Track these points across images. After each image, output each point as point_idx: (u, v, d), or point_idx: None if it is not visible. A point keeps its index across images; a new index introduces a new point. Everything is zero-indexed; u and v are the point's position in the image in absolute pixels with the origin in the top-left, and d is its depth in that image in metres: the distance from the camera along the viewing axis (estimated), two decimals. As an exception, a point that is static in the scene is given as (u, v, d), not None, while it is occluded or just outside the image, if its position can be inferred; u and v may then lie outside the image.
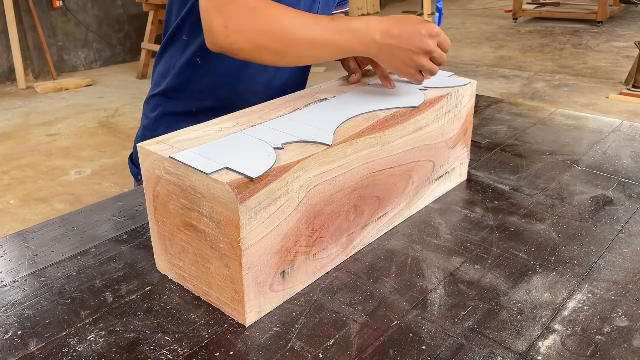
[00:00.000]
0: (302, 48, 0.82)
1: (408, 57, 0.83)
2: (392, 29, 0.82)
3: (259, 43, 0.81)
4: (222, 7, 0.81)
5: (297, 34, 0.81)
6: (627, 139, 1.21)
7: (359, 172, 0.77)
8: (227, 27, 0.81)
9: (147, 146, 0.70)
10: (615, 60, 4.94)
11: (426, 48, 0.82)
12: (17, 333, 0.66)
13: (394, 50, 0.82)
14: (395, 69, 0.85)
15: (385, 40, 0.82)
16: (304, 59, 0.86)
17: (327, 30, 0.82)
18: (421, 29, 0.82)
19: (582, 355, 0.62)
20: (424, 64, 0.84)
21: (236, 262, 0.64)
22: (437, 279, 0.75)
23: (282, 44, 0.82)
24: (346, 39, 0.82)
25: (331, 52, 0.84)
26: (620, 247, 0.82)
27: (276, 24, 0.81)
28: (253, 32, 0.81)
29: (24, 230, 0.88)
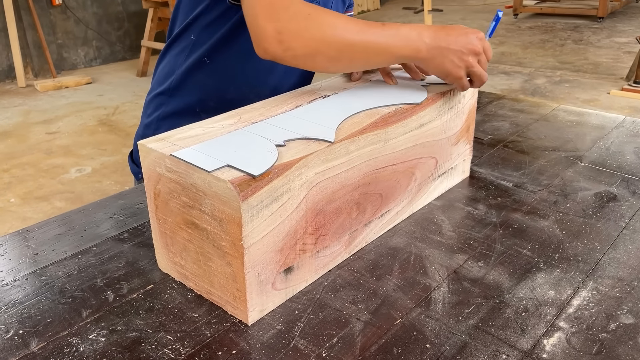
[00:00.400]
0: (356, 53, 0.83)
1: (458, 57, 0.83)
2: (440, 33, 0.84)
3: (314, 49, 0.81)
4: (275, 13, 0.80)
5: (351, 39, 0.81)
6: (631, 134, 1.21)
7: (362, 170, 0.76)
8: (280, 34, 0.80)
9: (148, 144, 0.70)
10: (617, 56, 4.92)
11: (475, 49, 0.84)
12: (18, 332, 0.66)
13: (444, 52, 0.83)
14: (445, 72, 0.85)
15: (435, 43, 0.83)
16: (356, 64, 0.87)
17: (380, 35, 0.82)
18: (468, 32, 0.85)
19: (588, 353, 0.62)
20: (473, 65, 0.84)
21: (238, 260, 0.64)
22: (440, 276, 0.75)
23: (337, 50, 0.82)
24: (398, 43, 0.83)
25: (383, 57, 0.85)
26: (625, 244, 0.82)
27: (331, 30, 0.81)
28: (308, 38, 0.80)
29: (24, 229, 0.87)
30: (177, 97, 1.11)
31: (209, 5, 1.01)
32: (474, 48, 0.84)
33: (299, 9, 0.81)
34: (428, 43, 0.83)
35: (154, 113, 1.14)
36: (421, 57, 0.84)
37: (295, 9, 0.80)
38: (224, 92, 1.06)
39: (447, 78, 0.86)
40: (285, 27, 0.80)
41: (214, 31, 1.03)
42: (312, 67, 0.85)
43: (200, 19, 1.04)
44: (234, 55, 1.04)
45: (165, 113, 1.12)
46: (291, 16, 0.80)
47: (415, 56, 0.84)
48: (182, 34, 1.08)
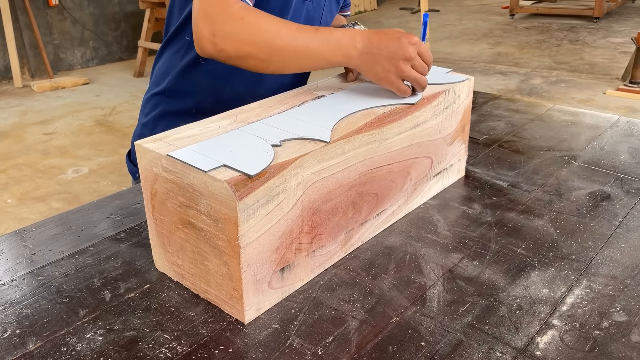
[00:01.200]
0: (286, 57, 0.85)
1: (389, 63, 0.83)
2: (373, 38, 0.84)
3: (245, 52, 0.84)
4: (211, 16, 0.84)
5: (281, 44, 0.83)
6: (625, 134, 1.21)
7: (357, 169, 0.77)
8: (214, 36, 0.83)
9: (144, 144, 0.70)
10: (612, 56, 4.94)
11: (406, 54, 0.83)
12: (16, 332, 0.66)
13: (375, 57, 0.84)
14: (377, 77, 0.85)
15: (366, 49, 0.84)
16: (288, 67, 0.87)
17: (310, 40, 0.84)
18: (401, 37, 0.84)
19: (581, 350, 0.62)
20: (404, 70, 0.84)
21: (235, 259, 0.64)
22: (435, 275, 0.76)
23: (267, 54, 0.84)
24: (328, 49, 0.84)
25: (314, 61, 0.86)
26: (618, 243, 0.82)
27: (262, 34, 0.83)
28: (239, 41, 0.83)
29: (21, 229, 0.88)
30: (173, 97, 1.11)
31: None
32: (404, 53, 0.83)
33: (234, 13, 0.83)
34: (359, 49, 0.84)
35: (151, 113, 1.14)
36: (353, 63, 0.85)
37: (231, 12, 0.83)
38: (220, 92, 1.06)
39: (381, 83, 0.86)
40: (218, 29, 0.83)
41: None
42: (246, 67, 0.88)
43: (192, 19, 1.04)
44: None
45: (162, 113, 1.13)
46: (225, 19, 0.83)
47: (347, 62, 0.85)
48: (177, 34, 1.08)
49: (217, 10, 0.84)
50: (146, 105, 1.16)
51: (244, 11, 0.84)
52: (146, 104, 1.17)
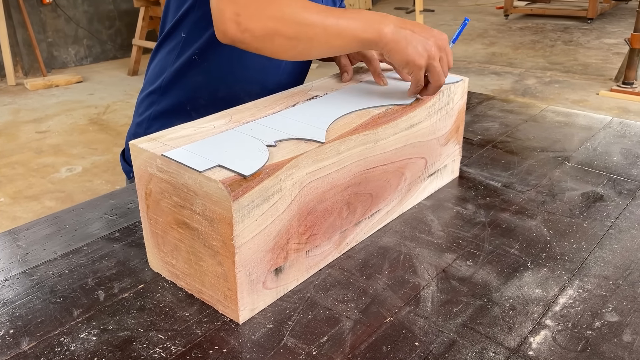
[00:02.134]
0: (315, 34, 0.80)
1: (422, 45, 0.81)
2: (407, 23, 0.83)
3: (272, 29, 0.79)
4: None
5: (310, 19, 0.79)
6: (617, 135, 1.22)
7: (352, 170, 0.77)
8: (239, 15, 0.79)
9: (139, 144, 0.70)
10: (606, 57, 4.97)
11: (439, 42, 0.82)
12: (9, 332, 0.66)
13: (409, 38, 0.81)
14: (407, 58, 0.81)
15: (400, 27, 0.81)
16: (316, 46, 0.82)
17: (341, 17, 0.80)
18: (434, 30, 0.84)
19: (573, 350, 0.63)
20: (435, 57, 0.82)
21: (229, 259, 0.64)
22: (429, 275, 0.76)
23: (294, 30, 0.79)
24: (361, 26, 0.80)
25: (345, 41, 0.81)
26: (611, 243, 0.83)
27: (289, 9, 0.79)
28: (266, 17, 0.79)
29: (14, 228, 0.87)
30: (168, 95, 1.11)
31: (196, 2, 1.01)
32: (439, 42, 0.82)
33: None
34: (392, 27, 0.81)
35: (146, 112, 1.14)
36: (385, 39, 0.81)
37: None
38: (215, 91, 1.05)
39: (407, 66, 0.82)
40: (243, 8, 0.79)
41: (204, 28, 1.03)
42: (270, 49, 0.82)
43: (189, 15, 1.04)
44: (223, 53, 1.04)
45: (156, 112, 1.12)
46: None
47: (379, 39, 0.81)
48: (172, 31, 1.08)
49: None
50: (141, 104, 1.16)
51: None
52: (141, 103, 1.16)
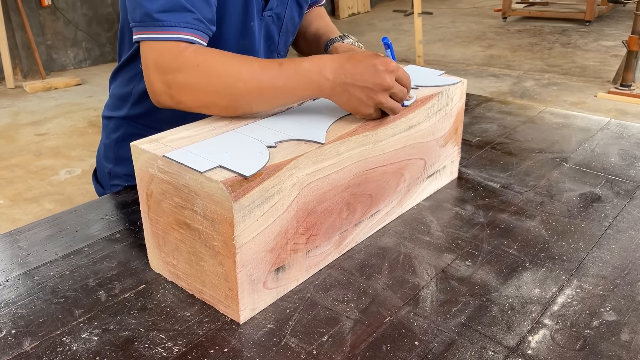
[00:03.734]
0: (252, 100, 0.77)
1: (365, 95, 0.75)
2: (345, 67, 0.76)
3: (206, 102, 0.77)
4: (162, 66, 0.77)
5: (244, 87, 0.76)
6: (615, 137, 1.23)
7: (352, 171, 0.77)
8: (170, 88, 0.77)
9: (140, 145, 0.70)
10: (604, 59, 4.98)
11: (384, 84, 0.75)
12: (11, 332, 0.66)
13: (350, 88, 0.75)
14: (353, 109, 0.78)
15: (339, 79, 0.75)
16: (257, 108, 0.79)
17: (276, 78, 0.76)
18: (377, 65, 0.75)
19: (572, 349, 0.63)
20: (383, 102, 0.76)
21: (230, 259, 0.64)
22: (429, 275, 0.76)
23: (230, 100, 0.77)
24: (298, 83, 0.76)
25: (284, 99, 0.79)
26: (609, 243, 0.84)
27: (221, 81, 0.76)
28: (198, 91, 0.77)
29: (16, 229, 0.88)
30: (134, 122, 1.06)
31: None
32: (382, 84, 0.75)
33: (187, 60, 0.76)
34: (331, 80, 0.76)
35: (113, 135, 1.09)
36: (326, 94, 0.77)
37: (183, 60, 0.76)
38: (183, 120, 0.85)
39: (356, 115, 0.79)
40: (173, 80, 0.77)
41: None
42: (211, 114, 0.80)
43: None
44: None
45: (124, 136, 1.07)
46: (178, 68, 0.77)
47: (320, 94, 0.78)
48: (130, 62, 1.02)
49: (168, 60, 0.77)
50: (107, 125, 1.10)
51: (197, 57, 0.77)
52: (107, 124, 1.10)
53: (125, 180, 1.08)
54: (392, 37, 6.03)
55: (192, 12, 0.79)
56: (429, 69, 1.02)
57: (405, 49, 5.51)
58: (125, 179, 1.08)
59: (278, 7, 1.00)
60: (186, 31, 0.78)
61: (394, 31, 6.34)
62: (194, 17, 0.79)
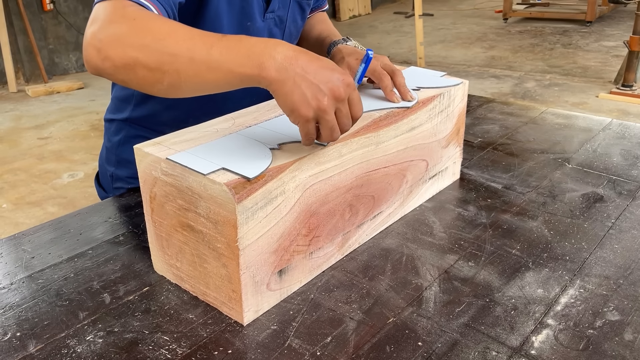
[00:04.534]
0: (181, 66, 0.67)
1: (312, 93, 0.64)
2: (300, 57, 0.65)
3: (132, 58, 0.68)
4: (100, 17, 0.71)
5: (175, 46, 0.67)
6: (617, 137, 1.23)
7: (354, 172, 0.78)
8: (100, 41, 0.70)
9: (144, 148, 0.71)
10: (605, 59, 4.98)
11: (336, 91, 0.65)
12: (16, 335, 0.66)
13: (297, 79, 0.64)
14: (291, 106, 0.64)
15: (288, 64, 0.64)
16: (186, 81, 0.68)
17: (213, 46, 0.66)
18: (336, 71, 0.66)
19: (575, 349, 0.63)
20: (326, 110, 0.64)
21: (234, 261, 0.65)
22: (431, 276, 0.76)
23: (156, 59, 0.67)
24: (237, 58, 0.65)
25: (216, 74, 0.66)
26: (611, 243, 0.84)
27: (152, 35, 0.68)
28: (126, 45, 0.69)
29: (20, 233, 0.88)
30: (135, 125, 1.07)
31: None
32: (334, 89, 0.64)
33: (126, 13, 0.71)
34: (278, 61, 0.64)
35: (115, 137, 1.09)
36: (266, 77, 0.64)
37: (122, 13, 0.71)
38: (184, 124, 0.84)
39: (291, 115, 0.66)
40: (104, 32, 0.70)
41: None
42: (135, 82, 0.71)
43: None
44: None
45: (126, 138, 1.08)
46: (114, 20, 0.70)
47: (259, 76, 0.64)
48: None
49: (107, 13, 0.71)
50: (109, 128, 1.10)
51: (138, 13, 0.71)
52: (109, 127, 1.10)
53: (127, 183, 1.09)
54: (393, 39, 6.04)
55: None
56: (430, 71, 1.02)
57: (406, 51, 5.52)
58: (128, 181, 1.09)
59: (280, 9, 1.00)
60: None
61: (395, 33, 6.34)
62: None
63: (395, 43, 5.88)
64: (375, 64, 0.89)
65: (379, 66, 0.89)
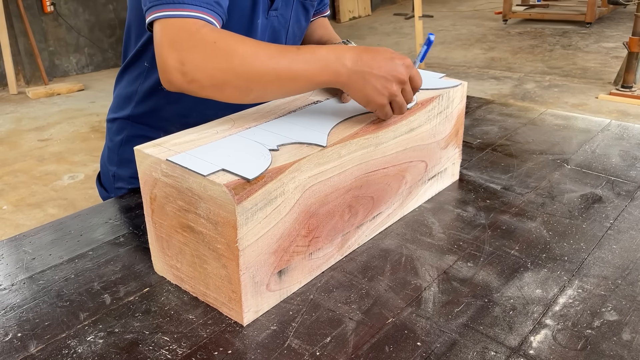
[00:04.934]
0: (268, 82, 0.75)
1: (381, 84, 0.76)
2: (363, 56, 0.77)
3: (221, 80, 0.75)
4: (178, 41, 0.75)
5: (261, 68, 0.74)
6: (616, 138, 1.23)
7: (353, 173, 0.78)
8: (184, 65, 0.74)
9: (144, 149, 0.71)
10: (605, 60, 4.98)
11: (400, 76, 0.77)
12: (17, 335, 0.67)
13: (367, 76, 0.76)
14: (367, 99, 0.78)
15: (357, 67, 0.76)
16: (270, 93, 0.79)
17: (293, 61, 0.75)
18: (395, 58, 0.78)
19: (573, 349, 0.64)
20: (396, 94, 0.78)
21: (233, 262, 0.65)
22: (431, 277, 0.77)
23: (245, 80, 0.75)
24: (315, 68, 0.76)
25: (300, 84, 0.77)
26: (610, 244, 0.84)
27: (238, 59, 0.74)
28: (213, 68, 0.74)
29: (21, 234, 0.88)
30: (138, 123, 1.07)
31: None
32: (398, 75, 0.77)
33: (204, 37, 0.75)
34: (349, 66, 0.76)
35: (117, 137, 1.10)
36: (342, 81, 0.77)
37: (200, 37, 0.75)
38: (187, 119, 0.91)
39: (369, 105, 0.79)
40: (188, 57, 0.74)
41: None
42: (221, 98, 0.77)
43: (150, 45, 0.97)
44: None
45: (128, 137, 1.08)
46: (195, 44, 0.74)
47: (336, 80, 0.77)
48: (135, 60, 1.02)
49: (183, 36, 0.75)
50: (111, 128, 1.11)
51: (214, 34, 0.75)
52: (111, 126, 1.11)
53: (128, 183, 1.09)
54: (393, 40, 6.05)
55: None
56: (429, 72, 1.03)
57: (406, 52, 5.52)
58: (129, 181, 1.09)
59: (283, 7, 1.01)
60: (203, 10, 0.77)
61: (395, 34, 6.35)
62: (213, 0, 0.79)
63: (395, 44, 5.89)
64: None
65: None
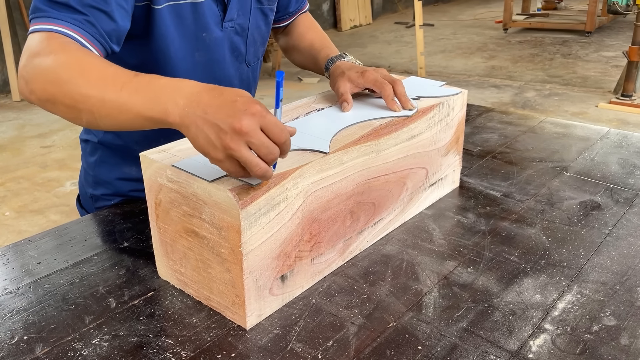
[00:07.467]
0: (94, 107, 0.68)
1: (214, 134, 0.61)
2: (203, 95, 0.63)
3: (51, 94, 0.70)
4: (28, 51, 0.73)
5: (86, 88, 0.68)
6: (615, 146, 1.25)
7: (355, 179, 0.79)
8: (27, 73, 0.72)
9: (149, 155, 0.72)
10: (605, 69, 5.01)
11: (236, 126, 0.60)
12: (23, 338, 0.68)
13: (199, 122, 0.61)
14: (201, 150, 0.63)
15: (189, 107, 0.63)
16: (102, 120, 0.70)
17: (122, 87, 0.66)
18: (238, 102, 0.62)
19: (572, 353, 0.65)
20: (233, 148, 0.60)
21: (237, 266, 0.66)
22: (431, 282, 0.78)
23: (71, 99, 0.69)
24: (142, 101, 0.65)
25: (127, 116, 0.67)
26: (608, 250, 0.85)
27: (67, 75, 0.69)
28: (45, 82, 0.70)
29: (26, 239, 0.89)
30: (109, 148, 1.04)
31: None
32: (235, 125, 0.60)
33: (49, 47, 0.71)
34: (180, 105, 0.63)
35: (91, 158, 1.07)
36: (172, 122, 0.64)
37: (45, 46, 0.71)
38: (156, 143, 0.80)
39: (207, 158, 0.64)
40: (30, 65, 0.72)
41: None
42: (60, 115, 0.73)
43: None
44: None
45: (102, 158, 1.06)
46: (38, 53, 0.71)
47: (165, 120, 0.64)
48: None
49: (35, 44, 0.72)
50: (85, 148, 1.09)
51: (59, 46, 0.71)
52: (85, 147, 1.08)
53: (108, 200, 1.06)
54: (394, 49, 6.08)
55: (82, 14, 0.75)
56: (430, 80, 1.04)
57: (407, 61, 5.55)
58: (108, 198, 1.06)
59: (240, 17, 0.98)
60: (67, 26, 0.74)
61: (396, 43, 6.38)
62: (84, 18, 0.76)
63: (396, 53, 5.92)
64: (375, 75, 0.91)
65: (380, 77, 0.91)
